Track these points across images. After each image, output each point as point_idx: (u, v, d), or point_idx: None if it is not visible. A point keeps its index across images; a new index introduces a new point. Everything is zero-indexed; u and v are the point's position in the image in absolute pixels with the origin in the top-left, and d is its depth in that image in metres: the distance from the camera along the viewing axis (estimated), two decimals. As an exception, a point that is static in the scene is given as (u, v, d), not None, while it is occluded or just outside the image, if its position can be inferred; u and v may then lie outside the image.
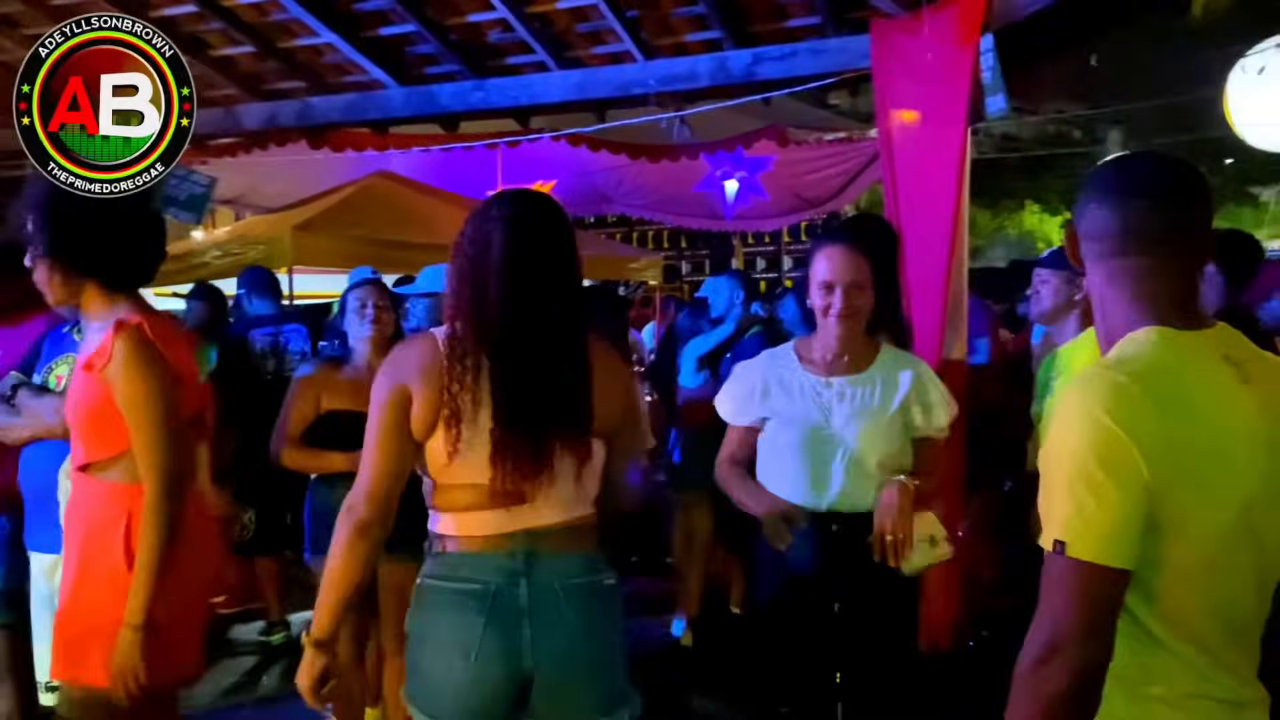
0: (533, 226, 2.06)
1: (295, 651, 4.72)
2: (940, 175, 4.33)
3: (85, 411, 2.45)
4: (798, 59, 4.91)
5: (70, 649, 2.44)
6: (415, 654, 2.06)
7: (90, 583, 2.43)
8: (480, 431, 1.99)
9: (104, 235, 2.47)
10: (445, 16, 5.17)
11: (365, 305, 3.37)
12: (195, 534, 2.50)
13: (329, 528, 3.31)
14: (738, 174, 8.76)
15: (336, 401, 3.36)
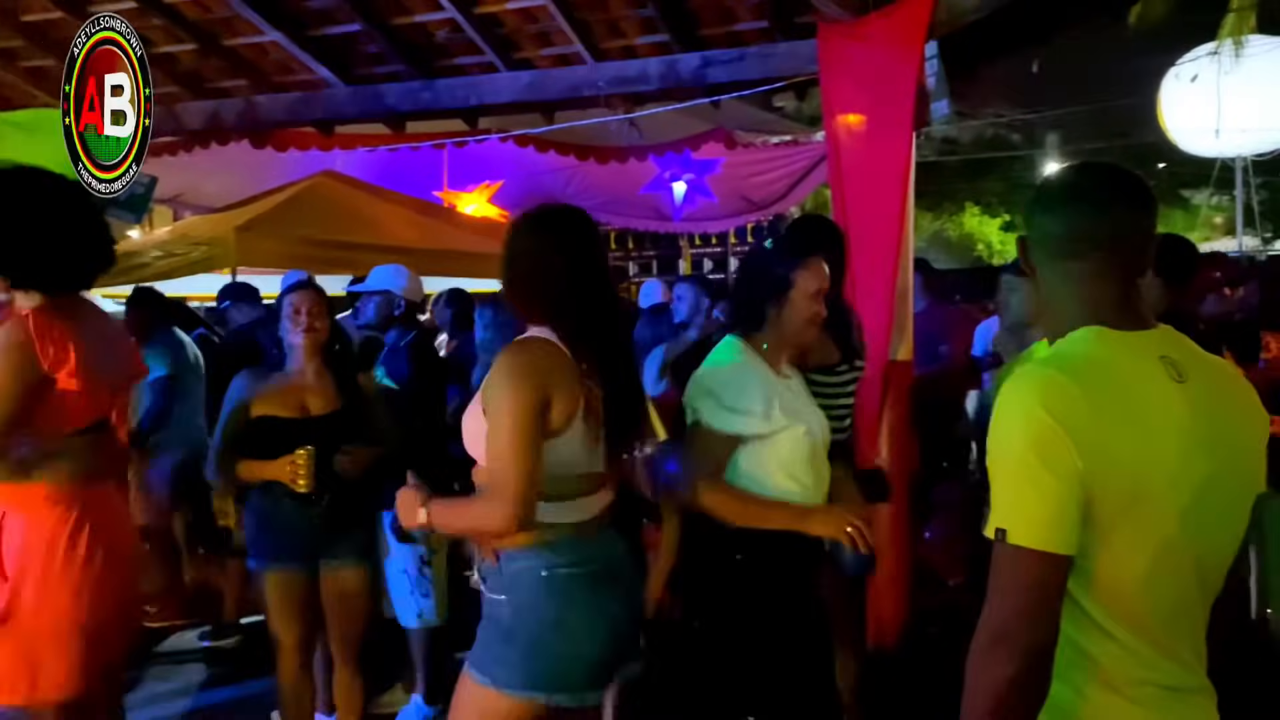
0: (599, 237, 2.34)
1: (243, 657, 4.70)
2: (886, 178, 4.38)
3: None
4: (746, 63, 4.95)
5: None
6: (546, 640, 2.13)
7: None
8: (593, 421, 2.16)
9: (21, 233, 2.38)
10: (392, 16, 5.13)
11: (299, 311, 3.33)
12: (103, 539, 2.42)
13: (269, 533, 3.31)
14: (685, 176, 8.81)
15: (265, 407, 3.32)
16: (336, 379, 3.35)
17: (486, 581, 2.20)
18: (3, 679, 2.27)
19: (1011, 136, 20.80)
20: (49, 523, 2.32)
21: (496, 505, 2.03)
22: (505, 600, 2.14)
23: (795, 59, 4.87)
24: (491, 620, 2.18)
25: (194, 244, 6.41)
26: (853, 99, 4.52)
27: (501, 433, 2.04)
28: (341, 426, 3.29)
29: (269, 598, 3.33)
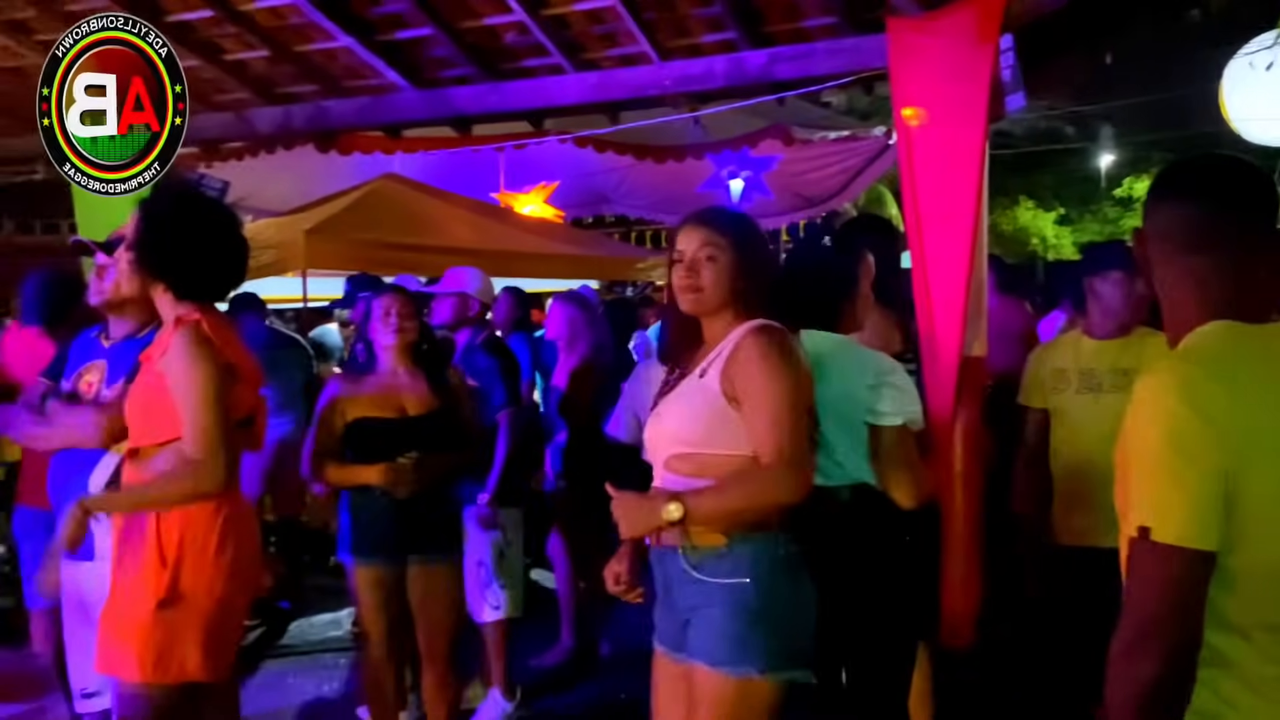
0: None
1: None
2: (960, 173, 4.35)
3: (139, 397, 2.54)
4: (814, 59, 4.93)
5: (110, 642, 2.48)
6: (795, 617, 2.22)
7: (128, 577, 2.47)
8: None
9: (182, 243, 2.51)
10: (461, 20, 5.18)
11: (389, 313, 3.40)
12: (243, 530, 2.53)
13: (366, 533, 3.37)
14: (743, 173, 8.80)
15: (360, 410, 3.38)
16: (429, 379, 3.41)
17: (702, 568, 2.19)
18: (158, 658, 2.39)
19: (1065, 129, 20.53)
20: (204, 513, 2.44)
21: (784, 473, 2.12)
22: (748, 583, 2.16)
23: (863, 54, 4.85)
24: (731, 605, 2.16)
25: (264, 247, 6.51)
26: (924, 93, 4.49)
27: (781, 404, 2.14)
28: (438, 426, 3.35)
29: (360, 593, 3.40)
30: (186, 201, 2.69)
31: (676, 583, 2.26)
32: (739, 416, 2.19)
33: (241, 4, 5.19)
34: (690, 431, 2.23)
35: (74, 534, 2.51)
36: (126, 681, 2.43)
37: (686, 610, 2.25)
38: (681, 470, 2.24)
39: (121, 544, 2.50)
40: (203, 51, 5.61)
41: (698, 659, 2.20)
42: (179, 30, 5.43)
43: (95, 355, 3.06)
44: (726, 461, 2.20)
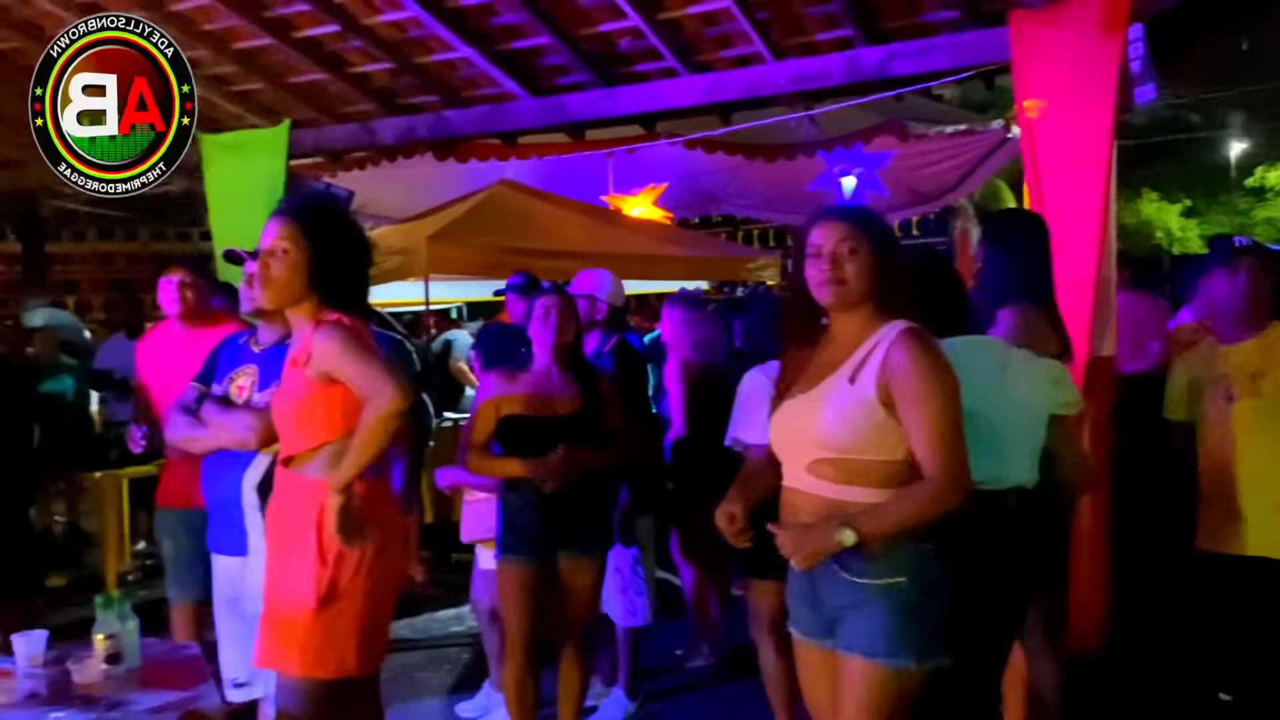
0: None
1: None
2: (1087, 167, 4.25)
3: (288, 405, 2.61)
4: (933, 54, 4.87)
5: (271, 639, 2.58)
6: (945, 608, 2.27)
7: (287, 576, 2.56)
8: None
9: (344, 257, 2.61)
10: (577, 27, 5.27)
11: (549, 313, 3.47)
12: (392, 529, 2.62)
13: (518, 530, 3.45)
14: (855, 170, 8.70)
15: (513, 407, 3.46)
16: (579, 380, 3.48)
17: (855, 570, 2.22)
18: (318, 653, 2.47)
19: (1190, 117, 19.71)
20: (359, 515, 2.49)
21: (950, 486, 2.18)
22: (904, 581, 2.21)
23: (984, 48, 4.77)
24: (888, 603, 2.21)
25: (388, 253, 6.72)
26: (1049, 86, 4.39)
27: (944, 414, 2.19)
28: (585, 426, 3.42)
29: (507, 589, 3.47)
30: (341, 215, 2.76)
31: (823, 582, 2.28)
32: (894, 422, 2.20)
33: (366, 18, 5.37)
34: (841, 437, 2.23)
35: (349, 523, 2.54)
36: (288, 676, 2.53)
37: (835, 608, 2.28)
38: (829, 476, 2.25)
39: (279, 545, 2.61)
40: (329, 65, 5.83)
41: (854, 651, 2.24)
42: (307, 45, 5.66)
43: (245, 360, 3.19)
44: (879, 467, 2.21)
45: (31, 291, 10.16)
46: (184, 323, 3.82)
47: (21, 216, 9.95)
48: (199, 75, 6.05)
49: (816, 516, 2.26)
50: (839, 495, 2.25)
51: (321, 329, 2.51)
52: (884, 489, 2.23)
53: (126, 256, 15.66)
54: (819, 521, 2.23)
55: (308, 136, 6.44)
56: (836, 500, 2.25)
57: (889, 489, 2.23)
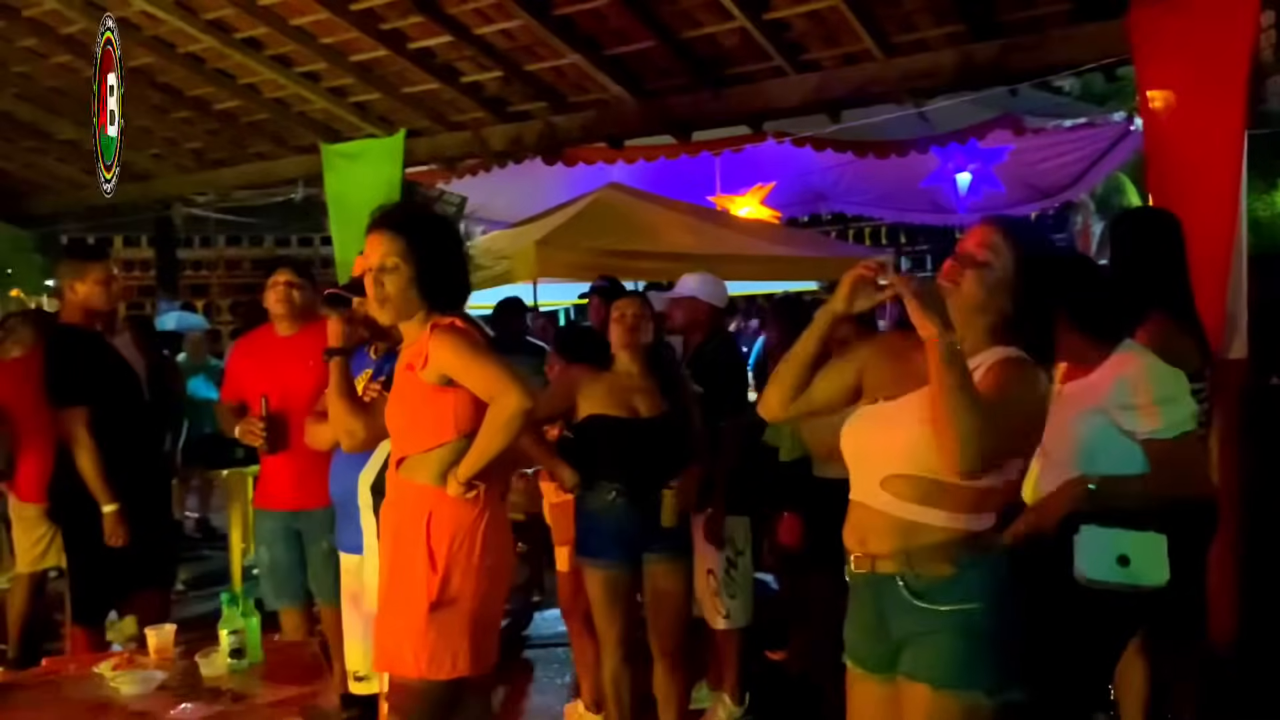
0: None
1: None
2: (1216, 163, 4.06)
3: (402, 408, 2.68)
4: (1048, 47, 4.72)
5: (385, 643, 2.65)
6: (1019, 636, 2.18)
7: (399, 581, 2.64)
8: None
9: (449, 263, 2.68)
10: (683, 30, 5.27)
11: (624, 316, 3.50)
12: (502, 532, 2.67)
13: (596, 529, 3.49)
14: (970, 166, 8.50)
15: (594, 405, 3.50)
16: (661, 382, 3.49)
17: (926, 596, 2.13)
18: (431, 656, 2.54)
19: (1334, 102, 18.60)
20: (469, 519, 2.57)
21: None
22: (978, 608, 2.11)
23: (1103, 40, 4.60)
24: (957, 632, 2.11)
25: (499, 257, 6.85)
26: (1174, 79, 4.21)
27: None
28: (668, 428, 3.44)
29: (592, 592, 3.51)
30: (441, 221, 2.83)
31: (892, 609, 2.19)
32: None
33: (478, 28, 5.47)
34: (921, 452, 2.10)
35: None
36: (402, 677, 2.61)
37: (902, 636, 2.18)
38: (903, 494, 2.16)
39: (392, 549, 2.68)
40: (442, 75, 5.96)
41: (919, 680, 2.14)
42: (422, 56, 5.80)
43: (365, 365, 3.33)
44: (954, 490, 2.11)
45: (164, 295, 10.66)
46: (284, 324, 3.90)
47: (155, 224, 10.43)
48: (320, 88, 6.29)
49: (885, 539, 2.19)
50: (911, 515, 2.15)
51: (436, 333, 2.57)
52: (958, 513, 2.12)
53: (252, 261, 16.32)
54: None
55: (421, 145, 6.60)
56: (908, 521, 2.15)
57: (964, 514, 2.12)
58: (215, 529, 7.90)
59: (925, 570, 2.13)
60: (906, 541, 2.15)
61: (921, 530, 2.13)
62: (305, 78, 6.20)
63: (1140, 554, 2.48)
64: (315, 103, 6.48)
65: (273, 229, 15.80)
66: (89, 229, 10.93)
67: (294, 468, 3.72)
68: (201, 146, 7.66)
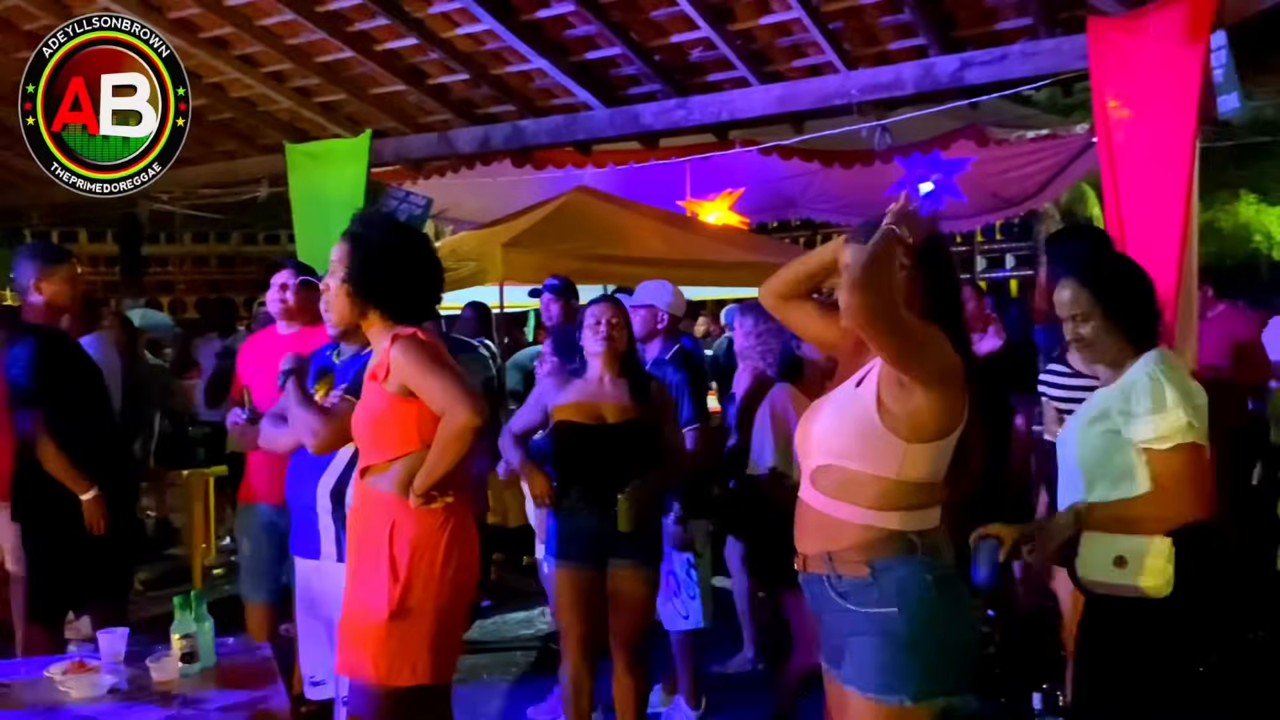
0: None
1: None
2: (1168, 179, 4.15)
3: (366, 417, 2.70)
4: (1008, 62, 4.79)
5: (347, 647, 2.67)
6: (949, 641, 2.19)
7: (361, 588, 2.65)
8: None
9: (394, 271, 2.68)
10: (650, 38, 5.31)
11: (600, 322, 3.52)
12: (466, 543, 2.68)
13: (569, 536, 3.51)
14: (933, 177, 8.57)
15: (564, 413, 3.53)
16: (632, 388, 3.52)
17: (849, 597, 2.18)
18: (393, 664, 2.56)
19: (1293, 116, 18.92)
20: (431, 528, 2.59)
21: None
22: (896, 612, 2.14)
23: (1060, 56, 4.69)
24: (880, 634, 2.14)
25: (464, 259, 6.84)
26: (1129, 95, 4.30)
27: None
28: (635, 435, 3.46)
29: (559, 593, 3.54)
30: (391, 229, 2.81)
31: (826, 610, 2.26)
32: (894, 437, 2.20)
33: (444, 32, 5.49)
34: (835, 443, 2.28)
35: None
36: (362, 683, 2.62)
37: (838, 636, 2.25)
38: (825, 488, 2.26)
39: (356, 556, 2.70)
40: (409, 77, 5.97)
41: (850, 685, 2.19)
42: (388, 58, 5.80)
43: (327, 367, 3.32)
44: (867, 482, 2.22)
45: (129, 292, 10.57)
46: (286, 323, 3.94)
47: (121, 220, 10.34)
48: (286, 88, 6.28)
49: (813, 538, 2.25)
50: (831, 511, 2.22)
51: (397, 343, 2.59)
52: (871, 509, 2.17)
53: (219, 258, 16.22)
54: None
55: (388, 146, 6.60)
56: (830, 518, 2.21)
57: (877, 510, 2.16)
58: (175, 529, 7.84)
59: (845, 571, 2.19)
60: (829, 541, 2.21)
61: (842, 528, 2.20)
62: (271, 78, 6.19)
63: (1138, 557, 2.38)
64: (281, 103, 6.48)
65: (239, 226, 15.70)
66: (52, 224, 10.83)
67: (279, 463, 3.71)
68: (167, 144, 7.61)
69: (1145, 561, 2.38)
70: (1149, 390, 2.42)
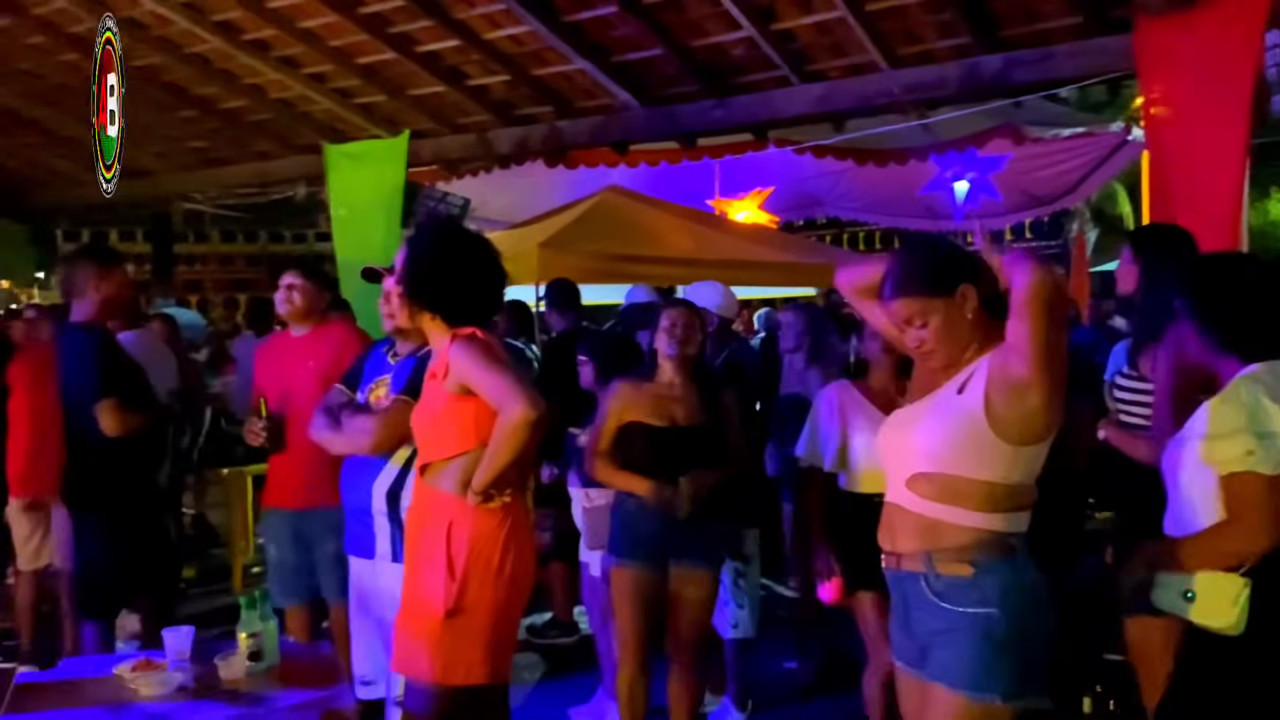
0: None
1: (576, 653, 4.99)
2: (1219, 178, 4.14)
3: (426, 415, 2.71)
4: (1054, 61, 4.79)
5: (404, 645, 2.68)
6: (1039, 644, 2.22)
7: (419, 586, 2.66)
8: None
9: (448, 277, 2.69)
10: (691, 38, 5.31)
11: (675, 325, 3.51)
12: (523, 543, 2.69)
13: (632, 535, 3.51)
14: (968, 175, 8.55)
15: (635, 414, 3.52)
16: (701, 393, 3.52)
17: (946, 596, 2.20)
18: (449, 662, 2.56)
19: (1324, 112, 18.73)
20: (489, 528, 2.59)
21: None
22: (994, 613, 2.16)
23: (1109, 55, 4.67)
24: (977, 633, 2.17)
25: (500, 259, 6.83)
26: (1178, 95, 4.28)
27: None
28: (704, 439, 3.46)
29: (619, 593, 3.53)
30: (450, 235, 2.81)
31: (917, 607, 2.27)
32: (999, 440, 2.21)
33: (486, 33, 5.50)
34: (940, 449, 2.27)
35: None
36: (419, 681, 2.63)
37: (927, 634, 2.26)
38: (926, 493, 2.26)
39: (414, 554, 2.71)
40: (448, 78, 5.99)
41: (940, 681, 2.21)
42: (429, 59, 5.82)
43: (383, 370, 3.32)
44: (974, 488, 2.22)
45: (160, 291, 10.64)
46: (293, 324, 3.93)
47: (153, 219, 10.42)
48: (325, 89, 6.31)
49: (910, 538, 2.25)
50: (933, 514, 2.22)
51: (456, 343, 2.60)
52: (977, 512, 2.18)
53: (246, 258, 16.33)
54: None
55: (426, 146, 6.63)
56: (931, 519, 2.23)
57: (982, 513, 2.18)
58: (213, 526, 7.89)
59: (945, 570, 2.20)
60: (929, 541, 2.23)
61: (943, 529, 2.21)
62: (311, 79, 6.22)
63: (1204, 593, 2.29)
64: (320, 103, 6.51)
65: (267, 225, 15.80)
66: (84, 224, 10.92)
67: (302, 467, 3.72)
68: (204, 145, 7.68)
69: (1210, 599, 2.30)
70: (1214, 411, 2.31)
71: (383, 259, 3.84)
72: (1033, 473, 2.22)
